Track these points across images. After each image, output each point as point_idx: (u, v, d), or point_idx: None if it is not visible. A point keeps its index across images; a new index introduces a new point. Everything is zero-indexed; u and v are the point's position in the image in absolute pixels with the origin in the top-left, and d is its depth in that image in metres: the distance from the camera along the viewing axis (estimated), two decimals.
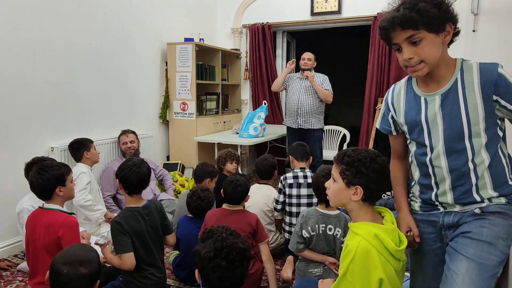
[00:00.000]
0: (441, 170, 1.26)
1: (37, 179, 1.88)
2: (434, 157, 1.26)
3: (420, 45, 1.17)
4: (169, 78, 4.33)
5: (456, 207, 1.27)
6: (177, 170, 4.10)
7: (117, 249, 1.91)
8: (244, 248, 1.32)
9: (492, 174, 1.22)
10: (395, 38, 1.19)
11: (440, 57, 1.20)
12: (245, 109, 5.38)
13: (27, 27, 2.81)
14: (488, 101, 1.17)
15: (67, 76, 3.16)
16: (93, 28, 3.38)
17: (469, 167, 1.22)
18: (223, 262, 1.26)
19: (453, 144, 1.23)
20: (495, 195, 1.22)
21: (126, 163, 2.01)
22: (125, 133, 3.49)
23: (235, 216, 2.17)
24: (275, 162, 2.96)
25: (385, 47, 4.46)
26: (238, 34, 5.25)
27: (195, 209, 2.38)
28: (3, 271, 2.56)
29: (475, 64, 1.23)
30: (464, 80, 1.21)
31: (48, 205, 1.93)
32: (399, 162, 1.47)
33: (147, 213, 2.01)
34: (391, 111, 1.39)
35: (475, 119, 1.19)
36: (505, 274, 1.75)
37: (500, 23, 2.42)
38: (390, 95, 1.41)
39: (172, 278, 2.48)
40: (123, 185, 1.98)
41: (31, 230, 1.91)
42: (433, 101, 1.25)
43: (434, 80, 1.25)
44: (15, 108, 2.78)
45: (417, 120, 1.29)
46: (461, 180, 1.24)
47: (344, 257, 1.29)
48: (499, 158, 1.24)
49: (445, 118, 1.23)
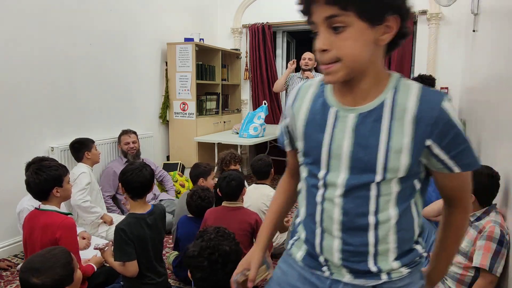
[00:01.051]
0: (331, 214, 0.89)
1: (34, 179, 1.88)
2: (327, 195, 0.89)
3: (343, 35, 0.78)
4: (169, 78, 4.32)
5: (345, 275, 0.91)
6: (177, 170, 4.10)
7: (119, 256, 1.86)
8: (228, 251, 1.28)
9: (399, 239, 0.88)
10: (315, 13, 0.80)
11: (367, 62, 0.82)
12: (245, 109, 5.38)
13: (27, 27, 2.81)
14: (418, 144, 0.82)
15: (67, 76, 3.16)
16: (93, 28, 3.38)
17: (369, 222, 0.86)
18: (204, 262, 1.24)
19: (356, 184, 0.86)
20: (397, 266, 0.89)
21: (128, 166, 1.96)
22: (127, 133, 3.47)
23: (234, 214, 2.18)
24: (270, 161, 2.96)
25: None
26: (238, 34, 5.25)
27: (195, 209, 2.38)
28: (3, 271, 2.56)
29: (416, 87, 0.84)
30: (395, 104, 0.83)
31: (44, 206, 1.93)
32: (290, 180, 1.13)
33: (152, 219, 1.96)
34: (288, 116, 1.00)
35: (394, 163, 0.83)
36: (505, 274, 1.75)
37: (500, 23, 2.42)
38: (293, 94, 1.00)
39: (172, 278, 2.48)
40: (125, 189, 1.93)
41: (28, 232, 1.91)
42: (345, 118, 0.86)
43: (354, 93, 0.86)
44: (15, 108, 2.78)
45: (318, 139, 0.90)
46: (355, 236, 0.88)
47: None
48: (410, 218, 0.90)
49: (356, 148, 0.85)
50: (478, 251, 1.75)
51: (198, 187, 2.48)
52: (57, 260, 1.33)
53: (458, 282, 1.85)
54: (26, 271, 1.28)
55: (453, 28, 4.25)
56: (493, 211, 1.87)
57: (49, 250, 1.38)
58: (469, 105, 3.61)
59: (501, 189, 1.93)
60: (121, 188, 1.95)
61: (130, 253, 1.85)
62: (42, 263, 1.30)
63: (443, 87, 4.35)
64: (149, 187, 1.96)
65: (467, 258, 1.82)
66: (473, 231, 1.85)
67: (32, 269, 1.28)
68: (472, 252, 1.79)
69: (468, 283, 1.81)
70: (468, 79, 3.76)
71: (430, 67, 4.36)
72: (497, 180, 1.89)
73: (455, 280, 1.86)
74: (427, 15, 4.29)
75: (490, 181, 1.87)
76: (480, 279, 1.75)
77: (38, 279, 1.26)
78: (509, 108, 2.01)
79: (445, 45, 4.31)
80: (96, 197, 2.95)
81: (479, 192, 1.87)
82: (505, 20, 2.30)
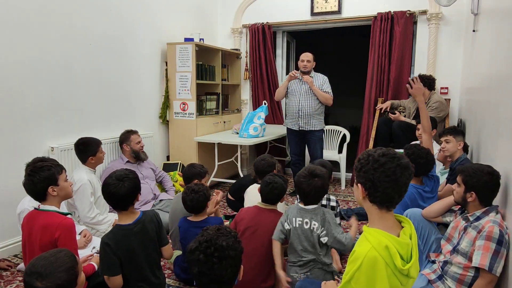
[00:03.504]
0: None
1: (28, 181, 1.88)
2: None
3: None
4: (169, 78, 4.33)
5: None
6: (177, 170, 4.10)
7: (103, 270, 1.82)
8: (224, 246, 1.28)
9: None
10: None
11: None
12: (245, 109, 5.38)
13: (27, 27, 2.82)
14: None
15: (67, 76, 3.16)
16: (93, 28, 3.38)
17: None
18: (201, 256, 1.25)
19: None
20: None
21: (108, 179, 1.87)
22: (135, 133, 3.47)
23: (268, 214, 2.27)
24: (273, 161, 2.96)
25: (385, 47, 4.46)
26: (238, 34, 5.25)
27: (190, 203, 2.31)
28: (3, 271, 2.56)
29: None
30: None
31: (44, 207, 1.93)
32: None
33: (140, 228, 1.89)
34: None
35: None
36: (505, 274, 1.75)
37: (500, 23, 2.42)
38: None
39: (172, 278, 2.48)
40: (107, 201, 1.88)
41: (28, 232, 1.91)
42: None
43: None
44: (15, 108, 2.78)
45: None
46: None
47: (351, 263, 1.26)
48: None
49: None
50: (478, 251, 1.75)
51: (192, 184, 2.43)
52: (61, 264, 1.31)
53: (458, 282, 1.85)
54: (30, 274, 1.27)
55: (453, 28, 4.25)
56: (493, 211, 1.87)
57: (54, 253, 1.35)
58: (469, 105, 3.61)
59: (501, 189, 1.93)
60: None
61: (113, 268, 1.80)
62: (45, 267, 1.29)
63: (443, 87, 4.35)
64: (133, 198, 1.89)
65: (467, 258, 1.82)
66: (473, 231, 1.85)
67: (35, 273, 1.27)
68: (472, 252, 1.79)
69: (468, 283, 1.81)
70: (468, 79, 3.76)
71: (430, 67, 4.36)
72: (498, 178, 1.89)
73: (455, 280, 1.86)
74: (427, 15, 4.30)
75: (490, 178, 1.87)
76: (480, 279, 1.75)
77: (41, 283, 1.26)
78: (509, 108, 2.01)
79: (445, 45, 4.31)
80: (100, 202, 2.88)
81: (479, 189, 1.87)
82: (505, 20, 2.30)
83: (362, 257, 1.20)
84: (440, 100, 3.93)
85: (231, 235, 1.35)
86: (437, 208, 2.22)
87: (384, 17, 4.42)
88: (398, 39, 4.37)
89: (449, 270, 1.90)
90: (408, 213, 2.32)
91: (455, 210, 2.16)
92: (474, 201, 1.90)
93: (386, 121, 4.21)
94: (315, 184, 2.03)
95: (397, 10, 4.37)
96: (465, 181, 1.92)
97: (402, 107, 4.30)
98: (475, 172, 1.90)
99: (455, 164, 2.82)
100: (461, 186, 1.95)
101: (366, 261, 1.20)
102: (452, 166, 2.85)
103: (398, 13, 4.36)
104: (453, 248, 1.95)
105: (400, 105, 4.33)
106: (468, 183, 1.91)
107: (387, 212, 1.28)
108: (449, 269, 1.90)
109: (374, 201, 1.27)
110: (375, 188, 1.24)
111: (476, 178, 1.88)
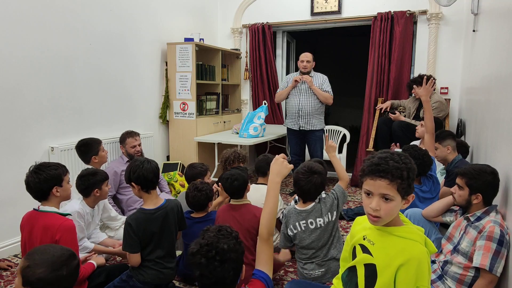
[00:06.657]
0: None
1: (33, 178, 1.88)
2: None
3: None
4: (169, 78, 4.33)
5: None
6: (177, 170, 4.09)
7: (125, 246, 2.00)
8: (226, 249, 1.27)
9: None
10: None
11: None
12: (245, 109, 5.38)
13: (27, 27, 2.81)
14: None
15: (67, 76, 3.16)
16: (93, 28, 3.38)
17: None
18: (202, 259, 1.25)
19: None
20: None
21: (134, 163, 2.03)
22: (133, 135, 3.39)
23: (241, 211, 2.20)
24: None
25: (385, 47, 4.46)
26: (238, 34, 5.25)
27: (192, 200, 2.35)
28: (3, 271, 2.56)
29: None
30: None
31: (43, 208, 1.93)
32: None
33: (162, 214, 2.04)
34: None
35: None
36: (505, 274, 1.74)
37: (500, 23, 2.42)
38: None
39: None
40: (139, 184, 1.99)
41: (28, 233, 1.91)
42: None
43: None
44: (15, 108, 2.78)
45: None
46: None
47: (407, 270, 1.21)
48: None
49: None
50: (478, 251, 1.75)
51: (198, 181, 2.49)
52: (55, 248, 1.33)
53: (458, 282, 1.84)
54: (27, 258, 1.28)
55: (453, 28, 4.25)
56: (493, 211, 1.87)
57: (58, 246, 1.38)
58: (469, 105, 3.61)
59: (501, 189, 1.93)
60: (134, 186, 2.00)
61: (133, 246, 1.98)
62: (41, 251, 1.30)
63: (443, 87, 4.35)
64: (158, 177, 2.08)
65: (467, 258, 1.82)
66: (473, 231, 1.85)
67: (30, 255, 1.27)
68: (472, 252, 1.79)
69: (468, 283, 1.81)
70: (468, 79, 3.76)
71: (430, 67, 4.36)
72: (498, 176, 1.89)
73: (455, 280, 1.85)
74: (427, 15, 4.30)
75: (493, 178, 1.88)
76: (480, 279, 1.75)
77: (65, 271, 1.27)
78: (509, 108, 2.01)
79: (445, 45, 4.31)
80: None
81: (484, 190, 1.87)
82: (505, 20, 2.30)
83: (420, 257, 1.21)
84: (440, 100, 3.94)
85: (232, 236, 1.34)
86: (437, 207, 2.22)
87: (384, 17, 4.42)
88: (398, 39, 4.37)
89: (449, 270, 1.90)
90: (408, 213, 2.32)
91: (455, 210, 2.16)
92: (479, 203, 1.90)
93: (386, 121, 4.21)
94: (315, 180, 2.03)
95: (397, 10, 4.37)
96: (469, 184, 1.91)
97: (402, 107, 4.30)
98: (478, 173, 1.89)
99: (450, 166, 2.82)
100: (465, 189, 1.93)
101: (424, 259, 1.21)
102: (448, 169, 2.85)
103: (398, 13, 4.36)
104: (454, 247, 1.95)
105: (400, 105, 4.33)
106: (472, 185, 1.89)
107: None
108: (449, 269, 1.90)
109: None
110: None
111: (481, 180, 1.88)
